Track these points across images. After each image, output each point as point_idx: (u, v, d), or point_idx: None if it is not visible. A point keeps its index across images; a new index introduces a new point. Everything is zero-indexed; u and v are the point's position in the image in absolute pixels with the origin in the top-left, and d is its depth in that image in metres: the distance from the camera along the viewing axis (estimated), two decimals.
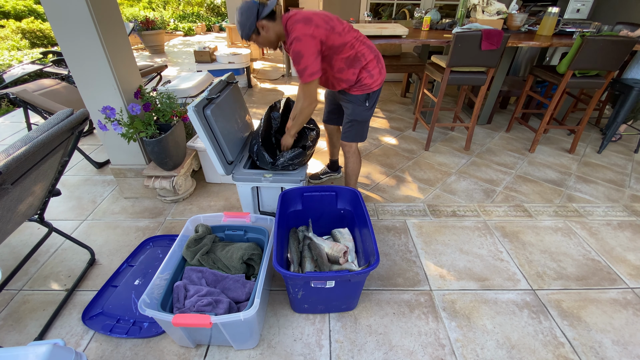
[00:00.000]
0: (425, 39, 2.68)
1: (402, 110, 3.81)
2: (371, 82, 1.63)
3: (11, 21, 6.66)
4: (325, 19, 1.46)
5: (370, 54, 1.60)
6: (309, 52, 1.41)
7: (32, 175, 1.15)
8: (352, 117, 1.75)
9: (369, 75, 1.61)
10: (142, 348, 1.33)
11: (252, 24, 1.43)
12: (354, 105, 1.71)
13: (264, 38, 1.49)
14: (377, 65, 1.63)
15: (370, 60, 1.60)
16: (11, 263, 1.72)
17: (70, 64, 1.75)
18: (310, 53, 1.42)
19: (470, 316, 1.47)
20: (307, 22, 1.41)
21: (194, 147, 2.26)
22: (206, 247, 1.49)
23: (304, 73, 1.45)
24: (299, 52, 1.41)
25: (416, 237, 1.91)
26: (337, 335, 1.39)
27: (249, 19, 1.42)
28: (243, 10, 1.42)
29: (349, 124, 1.80)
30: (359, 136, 1.84)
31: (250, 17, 1.41)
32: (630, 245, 1.88)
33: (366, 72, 1.61)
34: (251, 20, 1.42)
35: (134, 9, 10.09)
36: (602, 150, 2.89)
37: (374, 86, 1.66)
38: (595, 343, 1.37)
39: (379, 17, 4.78)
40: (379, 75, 1.65)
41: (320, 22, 1.43)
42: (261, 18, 1.43)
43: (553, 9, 2.69)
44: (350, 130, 1.81)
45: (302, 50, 1.41)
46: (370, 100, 1.69)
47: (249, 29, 1.44)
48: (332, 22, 1.47)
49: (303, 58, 1.42)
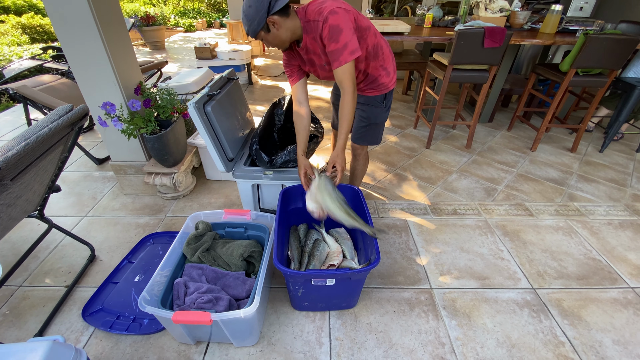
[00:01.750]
0: (427, 36, 2.66)
1: (403, 107, 3.79)
2: (387, 80, 1.54)
3: (11, 16, 6.63)
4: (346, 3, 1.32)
5: (386, 48, 1.50)
6: (347, 26, 1.23)
7: (32, 171, 1.14)
8: (368, 120, 1.65)
9: (386, 73, 1.52)
10: (142, 345, 1.33)
11: (261, 19, 1.22)
12: (371, 107, 1.62)
13: (273, 36, 1.29)
14: (392, 62, 1.54)
15: (387, 55, 1.50)
16: (11, 259, 1.72)
17: (70, 59, 1.74)
18: (349, 27, 1.24)
19: (470, 315, 1.47)
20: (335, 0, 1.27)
21: (195, 144, 2.25)
22: (206, 244, 1.49)
23: (344, 51, 1.25)
24: (338, 25, 1.22)
25: (417, 236, 1.90)
26: (337, 333, 1.38)
27: (259, 13, 1.21)
28: (252, 2, 1.21)
29: (364, 127, 1.69)
30: (375, 139, 1.74)
31: (260, 11, 1.21)
32: (631, 244, 1.88)
33: (383, 69, 1.50)
34: (261, 15, 1.21)
35: (135, 4, 10.05)
36: (603, 149, 2.88)
37: (390, 85, 1.57)
38: (595, 342, 1.36)
39: (381, 14, 4.76)
40: (394, 72, 1.55)
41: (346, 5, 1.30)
42: (273, 12, 1.22)
43: (556, 7, 2.67)
44: (365, 133, 1.71)
45: (341, 23, 1.22)
46: (387, 101, 1.61)
47: (257, 25, 1.24)
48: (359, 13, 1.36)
49: (342, 33, 1.23)
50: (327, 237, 1.61)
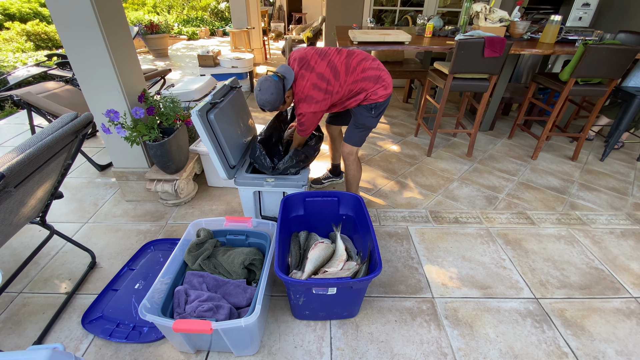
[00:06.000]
0: (427, 46, 2.68)
1: (404, 115, 3.81)
2: (376, 98, 1.67)
3: (16, 23, 6.71)
4: (323, 84, 1.57)
5: (370, 84, 1.64)
6: (309, 123, 1.66)
7: (35, 178, 1.15)
8: (359, 122, 1.77)
9: (374, 93, 1.67)
10: (141, 353, 1.32)
11: (281, 99, 1.58)
12: (362, 114, 1.73)
13: (287, 104, 1.70)
14: (381, 86, 1.66)
15: (372, 90, 1.65)
16: (12, 265, 1.72)
17: (74, 66, 1.76)
18: (311, 123, 1.67)
19: (472, 325, 1.45)
20: (309, 102, 1.59)
21: (197, 151, 2.26)
22: (207, 251, 1.49)
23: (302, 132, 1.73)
24: (303, 122, 1.67)
25: (418, 244, 1.90)
26: (338, 342, 1.37)
27: (279, 96, 1.56)
28: (272, 90, 1.53)
29: (355, 129, 1.82)
30: (361, 141, 1.86)
31: (280, 94, 1.56)
32: (633, 254, 1.87)
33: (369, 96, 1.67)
34: (280, 96, 1.57)
35: (139, 12, 10.17)
36: (604, 158, 2.89)
37: (380, 99, 1.68)
38: (598, 353, 1.35)
39: (381, 24, 4.81)
40: (384, 91, 1.67)
41: (319, 97, 1.58)
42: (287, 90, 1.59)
43: (555, 17, 2.70)
44: (354, 134, 1.83)
45: (306, 122, 1.66)
46: (376, 109, 1.71)
47: (279, 103, 1.59)
48: (330, 83, 1.59)
49: (304, 125, 1.68)
50: (339, 240, 1.59)
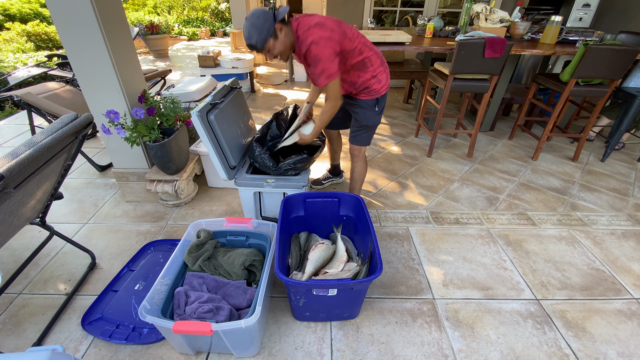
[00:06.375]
0: (428, 46, 2.68)
1: (404, 116, 3.81)
2: (379, 87, 1.65)
3: (17, 24, 6.71)
4: (337, 23, 1.47)
5: (377, 59, 1.61)
6: (326, 55, 1.40)
7: (35, 179, 1.15)
8: (363, 122, 1.77)
9: (377, 80, 1.64)
10: (141, 354, 1.31)
11: (270, 26, 1.37)
12: (364, 110, 1.72)
13: (281, 42, 1.44)
14: (384, 71, 1.65)
15: (378, 66, 1.62)
16: (11, 266, 1.71)
17: (75, 67, 1.76)
18: (328, 55, 1.40)
19: (473, 326, 1.45)
20: (321, 26, 1.40)
21: (197, 152, 2.26)
22: (208, 252, 1.48)
23: (322, 76, 1.43)
24: (317, 55, 1.39)
25: (419, 245, 1.89)
26: (339, 344, 1.37)
27: (267, 21, 1.36)
28: (259, 14, 1.36)
29: (359, 129, 1.81)
30: (368, 140, 1.86)
31: (267, 20, 1.36)
32: (634, 255, 1.86)
33: (374, 78, 1.62)
34: (269, 23, 1.36)
35: (139, 13, 10.18)
36: (605, 159, 2.88)
37: (382, 91, 1.68)
38: (600, 354, 1.34)
39: (382, 24, 4.81)
40: (386, 80, 1.67)
41: (334, 26, 1.43)
42: (278, 20, 1.38)
43: (556, 18, 2.70)
44: (360, 135, 1.83)
45: (320, 53, 1.39)
46: (379, 105, 1.71)
47: (267, 32, 1.37)
48: (343, 26, 1.48)
49: (320, 62, 1.40)
50: (339, 241, 1.59)
